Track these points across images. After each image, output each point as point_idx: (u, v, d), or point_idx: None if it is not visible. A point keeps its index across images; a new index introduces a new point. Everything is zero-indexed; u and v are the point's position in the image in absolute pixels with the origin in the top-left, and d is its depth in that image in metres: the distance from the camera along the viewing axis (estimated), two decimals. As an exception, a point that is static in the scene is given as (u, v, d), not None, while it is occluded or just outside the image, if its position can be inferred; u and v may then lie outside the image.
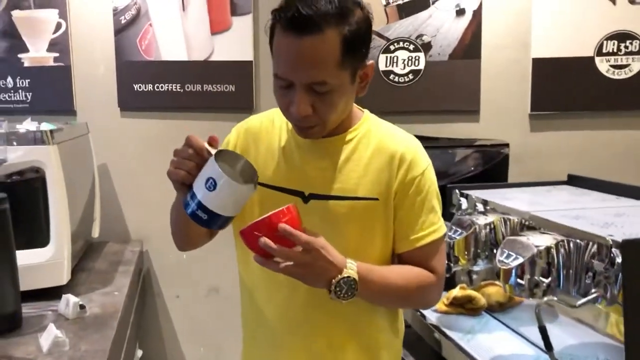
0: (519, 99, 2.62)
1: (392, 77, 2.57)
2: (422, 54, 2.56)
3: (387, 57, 2.56)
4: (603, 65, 2.60)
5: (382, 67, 2.55)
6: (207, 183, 1.02)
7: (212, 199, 1.02)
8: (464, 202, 1.83)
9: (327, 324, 1.21)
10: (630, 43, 2.59)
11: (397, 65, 2.56)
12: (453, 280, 1.83)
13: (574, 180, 1.99)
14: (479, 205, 1.75)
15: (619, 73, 2.60)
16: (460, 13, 2.54)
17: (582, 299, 1.29)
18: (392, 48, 2.55)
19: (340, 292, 1.07)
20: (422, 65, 2.56)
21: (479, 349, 1.50)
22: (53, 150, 1.77)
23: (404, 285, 1.18)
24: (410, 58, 2.56)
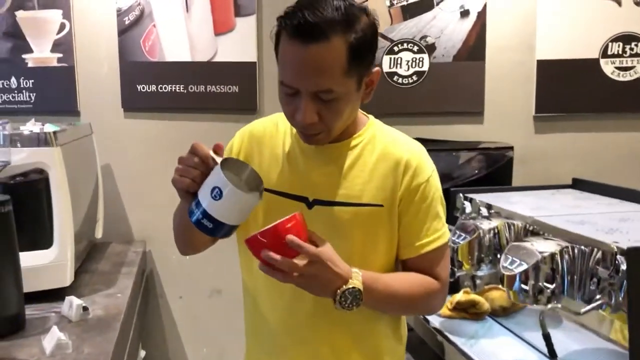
0: (524, 101, 2.61)
1: (396, 78, 2.56)
2: (426, 56, 2.55)
3: (391, 58, 2.55)
4: (608, 67, 2.59)
5: (386, 68, 2.54)
6: (212, 192, 1.01)
7: (217, 208, 1.02)
8: (468, 206, 1.83)
9: (330, 331, 1.21)
10: (636, 45, 2.57)
11: (401, 67, 2.55)
12: (457, 285, 1.83)
13: (579, 184, 1.98)
14: (483, 210, 1.75)
15: (624, 75, 2.59)
16: (465, 14, 2.53)
17: (586, 306, 1.29)
18: (396, 49, 2.54)
19: (345, 302, 1.06)
20: (426, 67, 2.55)
21: (482, 354, 1.50)
22: (57, 152, 1.77)
23: (409, 293, 1.18)
24: (414, 59, 2.55)
